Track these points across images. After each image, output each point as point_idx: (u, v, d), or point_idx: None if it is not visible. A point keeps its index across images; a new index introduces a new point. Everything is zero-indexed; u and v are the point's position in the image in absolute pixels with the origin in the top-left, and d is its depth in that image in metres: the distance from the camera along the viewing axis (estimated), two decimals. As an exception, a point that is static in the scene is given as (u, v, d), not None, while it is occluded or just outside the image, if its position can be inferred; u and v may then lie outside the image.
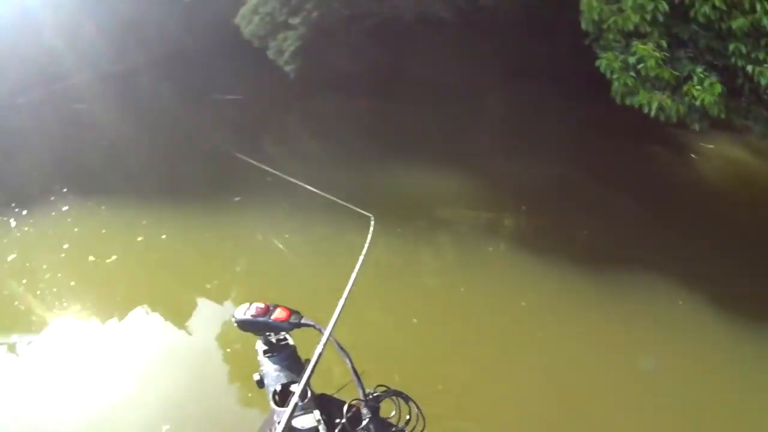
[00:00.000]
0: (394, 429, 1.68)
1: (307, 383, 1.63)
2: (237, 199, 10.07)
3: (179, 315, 7.56)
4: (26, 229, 12.02)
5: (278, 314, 1.88)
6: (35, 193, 12.94)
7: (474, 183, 10.16)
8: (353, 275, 1.90)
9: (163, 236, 9.54)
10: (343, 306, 1.72)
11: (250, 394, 5.82)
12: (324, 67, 13.08)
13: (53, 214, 12.12)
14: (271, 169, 3.76)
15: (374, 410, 1.66)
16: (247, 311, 1.92)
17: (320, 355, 1.59)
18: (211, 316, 7.46)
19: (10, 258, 10.75)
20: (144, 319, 7.74)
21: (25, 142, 15.37)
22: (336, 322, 1.65)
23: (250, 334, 1.94)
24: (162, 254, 9.06)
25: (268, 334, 1.94)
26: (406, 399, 1.71)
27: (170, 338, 7.36)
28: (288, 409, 1.44)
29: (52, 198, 12.61)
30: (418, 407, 1.69)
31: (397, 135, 12.16)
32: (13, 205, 12.79)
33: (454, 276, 7.94)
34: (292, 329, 1.90)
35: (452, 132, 11.93)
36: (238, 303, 1.97)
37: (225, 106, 14.56)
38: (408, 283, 7.70)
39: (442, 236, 8.83)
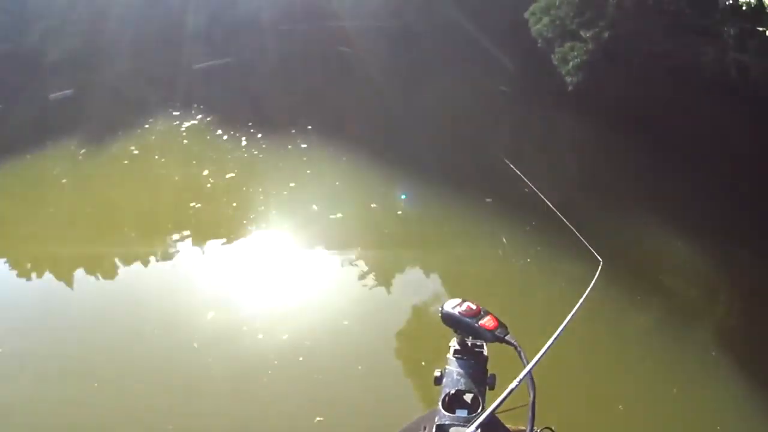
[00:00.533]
0: None
1: (483, 397, 1.57)
2: (488, 200, 9.04)
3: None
4: (254, 152, 10.79)
5: (486, 321, 1.67)
6: (277, 121, 11.74)
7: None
8: (570, 315, 1.55)
9: (399, 212, 9.15)
10: (552, 343, 1.39)
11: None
12: (603, 89, 11.08)
13: (289, 147, 10.70)
14: (530, 184, 2.83)
15: None
16: (457, 307, 1.70)
17: (516, 386, 1.31)
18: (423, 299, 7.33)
19: (228, 176, 10.34)
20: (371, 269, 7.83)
21: (280, 67, 14.55)
22: (541, 357, 1.34)
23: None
24: (405, 229, 8.78)
25: (467, 336, 1.72)
26: None
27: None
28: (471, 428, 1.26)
29: (293, 131, 11.29)
30: None
31: (657, 185, 9.66)
32: (250, 124, 11.69)
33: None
34: (493, 341, 1.66)
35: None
36: (445, 299, 1.77)
37: (494, 96, 13.32)
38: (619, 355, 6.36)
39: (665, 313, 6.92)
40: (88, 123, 14.51)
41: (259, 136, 11.38)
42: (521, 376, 1.34)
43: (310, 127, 11.47)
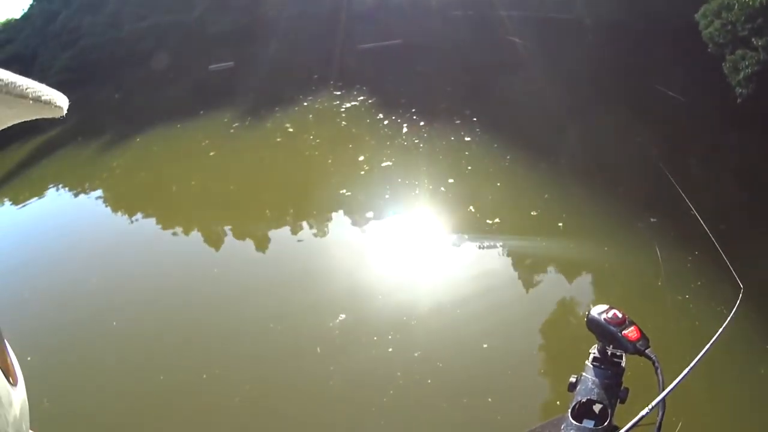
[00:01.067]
0: None
1: (612, 410, 1.51)
2: (653, 219, 7.28)
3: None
4: (415, 140, 9.83)
5: (630, 332, 1.60)
6: (442, 109, 10.73)
7: None
8: (711, 342, 1.48)
9: (559, 224, 7.58)
10: (691, 370, 1.37)
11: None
12: None
13: (451, 138, 9.67)
14: (692, 206, 2.51)
15: None
16: (603, 313, 1.65)
17: (650, 411, 1.28)
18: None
19: (384, 164, 9.41)
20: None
21: (449, 52, 13.52)
22: (679, 383, 1.31)
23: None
24: (564, 244, 7.37)
25: (608, 344, 1.65)
26: None
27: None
28: None
29: (457, 122, 10.26)
30: None
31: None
32: (413, 110, 10.77)
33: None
34: (633, 353, 1.58)
35: None
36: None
37: (656, 101, 11.20)
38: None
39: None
40: (244, 96, 14.35)
41: (422, 123, 10.33)
42: (657, 400, 1.31)
43: (475, 119, 10.25)
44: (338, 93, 12.60)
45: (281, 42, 17.69)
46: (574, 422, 1.51)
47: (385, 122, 10.67)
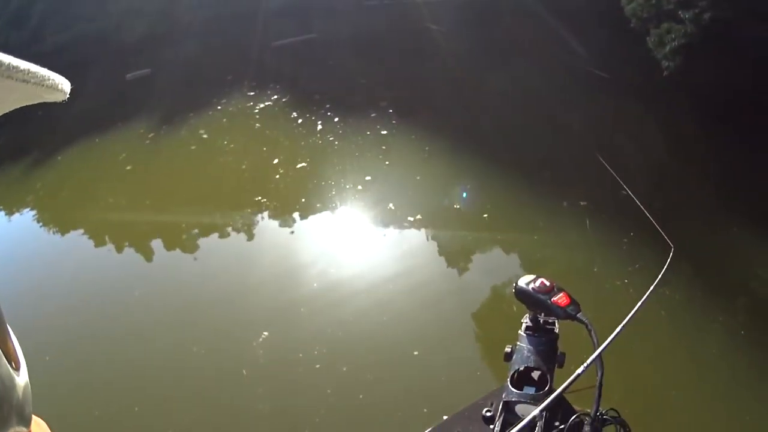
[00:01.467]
0: None
1: (551, 375, 1.57)
2: (582, 202, 7.30)
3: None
4: (330, 138, 9.36)
5: (559, 298, 1.64)
6: (357, 103, 10.28)
7: None
8: (642, 299, 1.52)
9: (485, 215, 7.46)
10: (624, 326, 1.41)
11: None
12: (704, 75, 9.25)
13: (367, 133, 9.22)
14: (626, 187, 2.64)
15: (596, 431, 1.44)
16: (531, 283, 1.70)
17: (586, 368, 1.34)
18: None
19: (299, 165, 8.99)
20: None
21: (364, 44, 13.15)
22: (613, 340, 1.36)
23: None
24: (491, 235, 7.25)
25: (539, 312, 1.72)
26: None
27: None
28: (531, 415, 1.25)
29: (373, 114, 9.80)
30: None
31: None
32: (327, 106, 10.28)
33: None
34: (565, 318, 1.65)
35: None
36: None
37: (584, 80, 10.93)
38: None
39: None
40: (160, 104, 13.68)
41: (336, 120, 9.91)
42: (591, 358, 1.32)
43: (391, 110, 9.88)
44: (252, 94, 12.06)
45: (197, 45, 16.90)
46: (515, 390, 1.53)
47: (300, 121, 10.21)
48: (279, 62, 13.80)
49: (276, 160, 9.04)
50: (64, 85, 0.50)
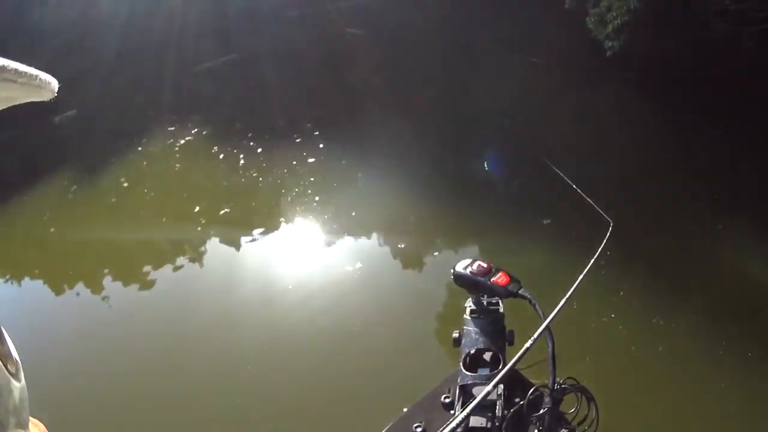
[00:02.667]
0: (567, 426, 1.41)
1: (503, 354, 1.55)
2: (546, 221, 6.58)
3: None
4: (253, 174, 8.26)
5: (498, 278, 1.60)
6: (280, 128, 9.25)
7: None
8: (584, 271, 1.49)
9: (435, 253, 6.94)
10: (569, 297, 1.34)
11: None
12: (647, 55, 8.77)
13: (294, 163, 8.16)
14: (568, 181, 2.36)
15: (556, 402, 1.39)
16: (468, 267, 1.63)
17: (535, 340, 1.26)
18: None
19: (222, 212, 7.89)
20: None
21: (284, 59, 12.01)
22: (559, 310, 1.27)
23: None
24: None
25: (481, 294, 1.68)
26: (590, 399, 1.44)
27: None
28: (484, 390, 1.15)
29: (298, 140, 8.78)
30: (597, 412, 1.42)
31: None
32: (249, 135, 9.17)
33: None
34: (507, 297, 1.61)
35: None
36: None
37: (524, 69, 10.12)
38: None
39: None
40: (84, 149, 12.36)
41: (259, 151, 8.79)
42: (539, 331, 1.29)
43: (317, 132, 8.78)
44: (172, 129, 10.82)
45: (121, 79, 15.47)
46: (469, 373, 1.50)
47: (221, 156, 9.05)
48: (199, 89, 12.53)
49: (197, 208, 7.86)
50: (52, 84, 0.47)
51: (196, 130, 10.40)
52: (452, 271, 1.65)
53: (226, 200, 7.81)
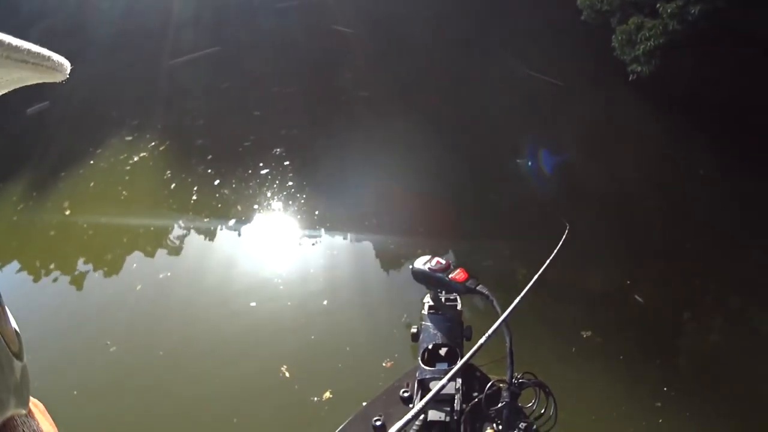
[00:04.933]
0: (525, 420, 1.34)
1: (461, 349, 1.47)
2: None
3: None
4: (203, 220, 5.97)
5: (457, 275, 1.53)
6: (245, 152, 6.98)
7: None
8: (541, 269, 1.40)
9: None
10: (525, 293, 1.28)
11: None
12: (682, 81, 7.04)
13: (255, 208, 5.81)
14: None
15: (514, 396, 1.34)
16: (427, 263, 1.56)
17: (491, 333, 1.21)
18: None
19: (161, 275, 5.64)
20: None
21: (265, 58, 9.62)
22: (516, 306, 1.23)
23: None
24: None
25: (439, 290, 1.61)
26: (548, 394, 1.38)
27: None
28: (441, 382, 1.08)
29: (264, 170, 6.74)
30: (555, 406, 1.36)
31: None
32: (209, 158, 6.93)
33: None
34: (465, 293, 1.54)
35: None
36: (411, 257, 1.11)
37: (527, 88, 7.96)
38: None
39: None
40: (41, 156, 10.06)
41: (217, 182, 6.52)
42: (495, 325, 1.25)
43: (287, 162, 6.47)
44: (130, 138, 8.63)
45: (101, 67, 13.05)
46: (427, 368, 1.43)
47: (173, 186, 6.83)
48: (169, 89, 10.24)
49: (135, 264, 5.63)
50: (65, 65, 0.42)
51: (153, 144, 8.11)
52: (411, 266, 1.56)
53: (165, 264, 5.60)
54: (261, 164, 6.53)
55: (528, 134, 6.89)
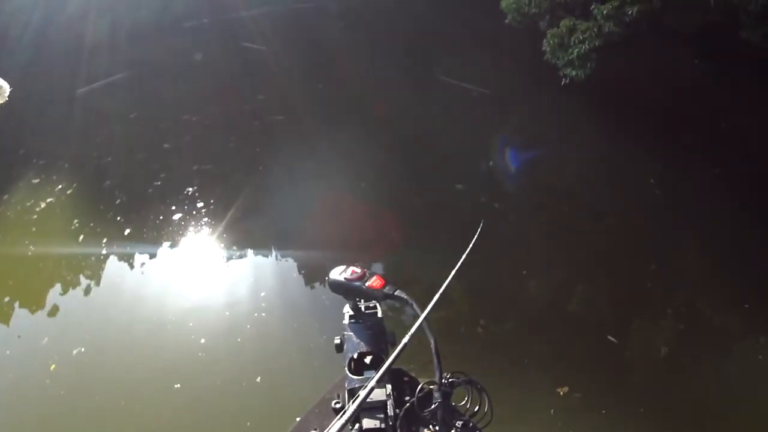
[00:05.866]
0: (461, 418, 1.29)
1: (386, 355, 1.39)
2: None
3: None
4: (115, 280, 5.41)
5: (373, 282, 1.44)
6: (156, 189, 6.52)
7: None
8: (456, 267, 1.36)
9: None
10: (442, 293, 1.26)
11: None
12: (618, 84, 7.03)
13: (166, 281, 5.34)
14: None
15: (446, 396, 1.27)
16: (342, 273, 1.47)
17: (411, 335, 1.16)
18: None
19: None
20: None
21: (171, 82, 9.19)
22: (433, 306, 1.19)
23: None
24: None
25: (357, 299, 1.51)
26: (481, 390, 1.31)
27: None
28: (369, 385, 1.03)
29: (177, 215, 6.09)
30: (489, 400, 1.30)
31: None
32: (118, 202, 6.31)
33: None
34: (384, 299, 1.46)
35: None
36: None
37: (464, 102, 7.74)
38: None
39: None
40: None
41: (127, 232, 5.98)
42: (415, 325, 1.21)
43: (202, 206, 5.96)
44: (37, 181, 7.83)
45: (2, 108, 11.81)
46: (355, 377, 1.37)
47: (81, 238, 6.18)
48: (77, 121, 9.35)
49: (45, 339, 5.06)
50: (3, 87, 0.55)
51: (60, 186, 7.38)
52: (327, 278, 1.46)
53: (81, 328, 5.00)
54: (173, 208, 6.00)
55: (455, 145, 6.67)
